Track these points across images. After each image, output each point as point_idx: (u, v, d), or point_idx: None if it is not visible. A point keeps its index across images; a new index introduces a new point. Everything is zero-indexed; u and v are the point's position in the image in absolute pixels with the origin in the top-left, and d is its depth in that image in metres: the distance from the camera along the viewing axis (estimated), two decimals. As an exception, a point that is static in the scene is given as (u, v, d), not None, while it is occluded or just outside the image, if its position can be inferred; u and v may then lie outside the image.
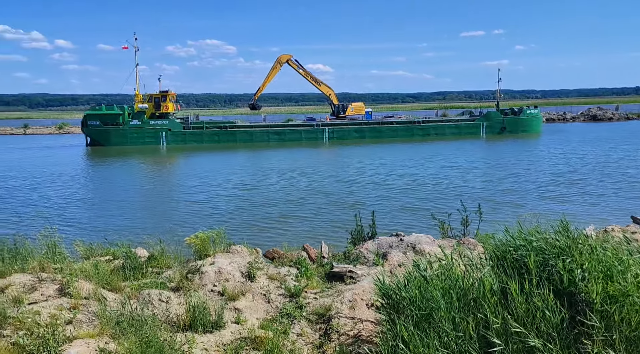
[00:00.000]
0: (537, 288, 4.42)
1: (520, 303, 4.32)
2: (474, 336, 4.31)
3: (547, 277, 4.53)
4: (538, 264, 4.61)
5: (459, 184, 26.90)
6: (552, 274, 4.54)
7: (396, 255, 9.05)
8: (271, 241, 15.35)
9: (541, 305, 4.23)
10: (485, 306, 4.41)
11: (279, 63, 65.69)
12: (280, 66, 65.91)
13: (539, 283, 4.49)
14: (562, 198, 22.41)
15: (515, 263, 4.88)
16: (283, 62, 65.72)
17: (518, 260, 4.90)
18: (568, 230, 5.05)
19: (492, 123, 64.63)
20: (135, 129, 58.42)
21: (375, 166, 36.22)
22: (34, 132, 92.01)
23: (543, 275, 4.57)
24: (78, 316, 6.12)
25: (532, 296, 4.36)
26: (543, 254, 4.71)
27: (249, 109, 73.27)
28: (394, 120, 66.67)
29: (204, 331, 6.30)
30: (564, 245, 4.70)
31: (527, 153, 42.56)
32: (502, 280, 4.65)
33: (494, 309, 4.36)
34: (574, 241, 4.84)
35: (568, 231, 5.03)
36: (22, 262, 7.33)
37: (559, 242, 4.77)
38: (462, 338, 4.32)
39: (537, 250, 4.74)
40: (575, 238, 4.97)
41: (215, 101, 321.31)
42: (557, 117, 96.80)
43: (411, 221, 18.55)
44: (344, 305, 6.98)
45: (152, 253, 8.59)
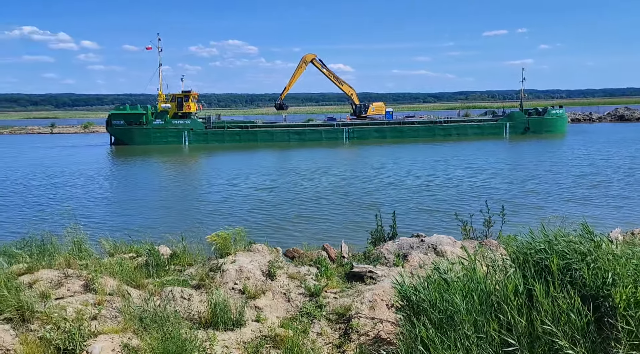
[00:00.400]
0: (561, 291, 4.36)
1: (545, 305, 4.25)
2: (496, 338, 4.26)
3: (569, 280, 4.46)
4: (561, 267, 4.54)
5: (478, 185, 26.59)
6: (576, 278, 4.46)
7: (417, 256, 9.00)
8: (290, 240, 15.40)
9: (566, 308, 4.15)
10: (508, 309, 4.35)
11: (304, 62, 65.93)
12: (305, 65, 66.18)
13: (562, 286, 4.42)
14: (585, 200, 21.97)
15: (537, 266, 4.81)
16: (308, 61, 65.96)
17: (540, 263, 4.83)
18: (591, 233, 4.96)
19: (516, 123, 63.69)
20: (158, 129, 59.23)
21: (395, 166, 36.04)
22: (60, 131, 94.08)
23: (566, 278, 4.50)
24: (102, 312, 6.24)
25: (557, 298, 4.29)
26: (566, 257, 4.63)
27: (275, 109, 72.63)
28: (415, 120, 66.23)
29: (225, 329, 6.36)
30: (586, 249, 4.61)
31: (550, 154, 41.83)
32: (526, 282, 4.58)
33: (518, 312, 4.30)
34: (597, 245, 4.75)
35: (591, 234, 4.94)
36: (49, 258, 7.51)
37: (583, 246, 4.68)
38: (484, 340, 4.28)
39: (560, 254, 4.66)
40: (598, 241, 4.88)
41: (236, 101, 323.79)
42: (582, 117, 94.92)
43: (429, 222, 18.41)
44: (363, 305, 6.97)
45: (175, 250, 8.70)
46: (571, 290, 4.33)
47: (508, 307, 4.38)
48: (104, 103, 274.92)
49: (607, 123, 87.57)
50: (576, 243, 4.76)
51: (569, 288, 4.36)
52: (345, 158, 45.72)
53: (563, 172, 30.77)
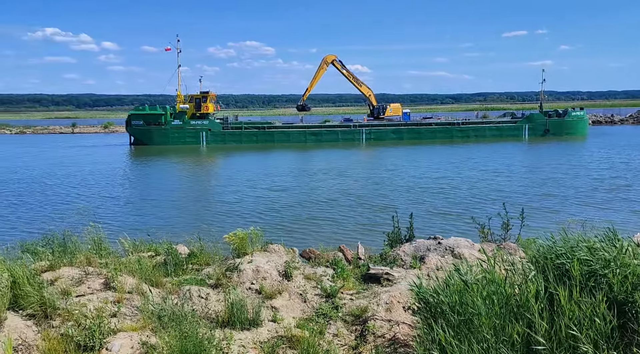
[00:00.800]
0: (582, 295, 4.29)
1: (568, 309, 4.19)
2: (518, 341, 4.22)
3: (593, 285, 4.39)
4: (583, 272, 4.47)
5: (494, 188, 26.29)
6: (600, 283, 4.39)
7: (434, 258, 8.95)
8: (306, 241, 15.43)
9: (590, 313, 4.09)
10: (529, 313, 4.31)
11: (325, 63, 66.02)
12: (326, 66, 66.26)
13: (583, 291, 4.36)
14: (604, 204, 21.55)
15: (558, 270, 4.75)
16: (329, 62, 66.05)
17: (560, 267, 4.77)
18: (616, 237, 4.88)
19: (535, 125, 62.87)
20: (176, 129, 59.81)
21: (411, 168, 35.86)
22: (81, 130, 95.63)
23: (589, 283, 4.43)
24: (122, 310, 6.34)
25: (581, 303, 4.23)
26: (589, 262, 4.57)
27: (297, 110, 71.66)
28: (433, 122, 65.81)
29: (241, 328, 6.41)
30: (612, 256, 4.53)
31: (569, 156, 41.18)
32: (547, 285, 4.53)
33: (539, 316, 4.25)
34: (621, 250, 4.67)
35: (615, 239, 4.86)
36: (71, 256, 7.64)
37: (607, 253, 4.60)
38: (505, 344, 4.24)
39: (582, 260, 4.60)
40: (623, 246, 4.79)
41: (253, 102, 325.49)
42: (604, 119, 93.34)
43: (445, 225, 18.27)
44: (380, 307, 6.95)
45: (192, 250, 8.79)
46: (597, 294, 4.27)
47: (529, 311, 4.34)
48: (124, 103, 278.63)
49: (629, 126, 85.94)
50: (599, 249, 4.69)
51: (592, 293, 4.29)
52: (362, 159, 45.63)
53: (582, 175, 30.27)
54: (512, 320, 4.44)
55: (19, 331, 5.57)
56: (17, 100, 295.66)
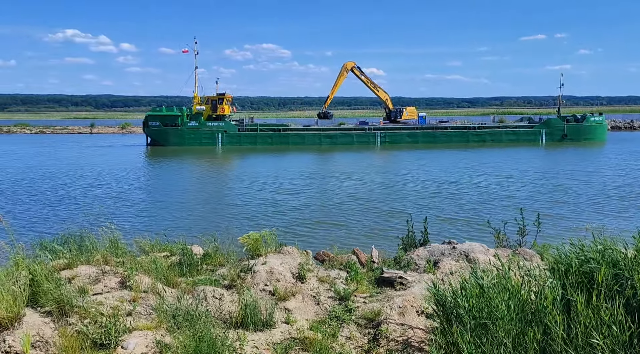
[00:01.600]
0: (605, 301, 4.22)
1: (585, 317, 4.13)
2: (535, 347, 4.17)
3: (618, 290, 4.31)
4: (609, 277, 4.39)
5: (509, 194, 26.05)
6: (625, 288, 4.31)
7: (448, 263, 8.89)
8: (320, 243, 15.43)
9: (608, 319, 4.03)
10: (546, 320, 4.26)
11: (345, 70, 66.27)
12: (346, 73, 66.51)
13: (607, 297, 4.28)
14: (619, 212, 21.19)
15: (581, 277, 4.68)
16: (349, 69, 66.27)
17: (586, 274, 4.69)
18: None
19: (553, 130, 62.14)
20: (192, 130, 60.33)
21: (425, 172, 35.69)
22: (99, 131, 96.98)
23: (614, 287, 4.35)
24: (137, 309, 6.40)
25: (600, 309, 4.16)
26: (616, 267, 4.48)
27: (319, 118, 70.01)
28: (448, 126, 65.43)
29: (254, 329, 6.43)
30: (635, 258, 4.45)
31: (586, 162, 40.62)
32: (565, 292, 4.46)
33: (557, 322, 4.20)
34: None
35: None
36: (88, 255, 7.75)
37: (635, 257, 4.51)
38: (522, 350, 4.20)
39: (610, 263, 4.51)
40: None
41: (269, 104, 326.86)
42: (623, 125, 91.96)
43: (459, 229, 18.16)
44: (393, 311, 6.93)
45: (207, 250, 8.84)
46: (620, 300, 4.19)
47: (546, 317, 4.29)
48: (141, 104, 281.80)
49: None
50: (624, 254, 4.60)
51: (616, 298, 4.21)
52: (377, 163, 45.53)
53: (597, 181, 29.79)
54: (529, 326, 4.39)
55: (37, 328, 5.66)
56: (37, 101, 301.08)
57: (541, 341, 4.24)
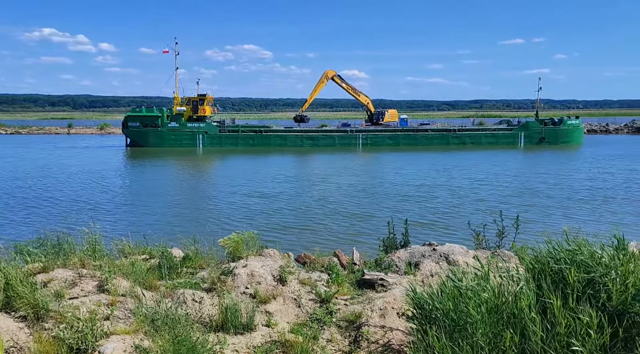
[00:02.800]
0: (579, 304, 4.28)
1: (561, 319, 4.18)
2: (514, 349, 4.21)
3: (591, 294, 4.38)
4: (581, 279, 4.46)
5: (485, 198, 26.36)
6: (598, 291, 4.38)
7: (428, 265, 8.95)
8: (301, 246, 15.40)
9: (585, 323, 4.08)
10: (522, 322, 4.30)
11: (326, 78, 66.72)
12: (327, 81, 67.04)
13: (580, 299, 4.35)
14: (591, 215, 21.56)
15: (555, 277, 4.74)
16: (329, 77, 66.75)
17: (558, 274, 4.75)
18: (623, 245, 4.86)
19: (531, 133, 63.17)
20: (173, 131, 59.78)
21: (406, 175, 35.94)
22: (77, 131, 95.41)
23: (587, 290, 4.41)
24: (115, 313, 6.30)
25: (577, 312, 4.21)
26: (589, 269, 4.55)
27: (295, 121, 70.10)
28: (429, 128, 66.08)
29: (235, 333, 6.39)
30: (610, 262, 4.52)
31: (562, 165, 41.32)
32: (541, 294, 4.52)
33: (533, 325, 4.25)
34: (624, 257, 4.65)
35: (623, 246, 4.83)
36: (64, 258, 7.60)
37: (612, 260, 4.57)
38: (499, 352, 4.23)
39: (581, 265, 4.58)
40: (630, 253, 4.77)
41: (250, 105, 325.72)
42: (599, 128, 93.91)
43: (439, 231, 18.31)
44: (374, 313, 6.94)
45: (187, 253, 8.76)
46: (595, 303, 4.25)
47: (522, 320, 4.33)
48: (120, 105, 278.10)
49: (624, 135, 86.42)
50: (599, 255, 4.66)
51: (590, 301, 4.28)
52: (358, 165, 45.67)
53: (571, 185, 30.30)
54: (506, 328, 4.43)
55: (11, 333, 5.53)
56: (13, 100, 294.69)
57: (519, 343, 4.29)
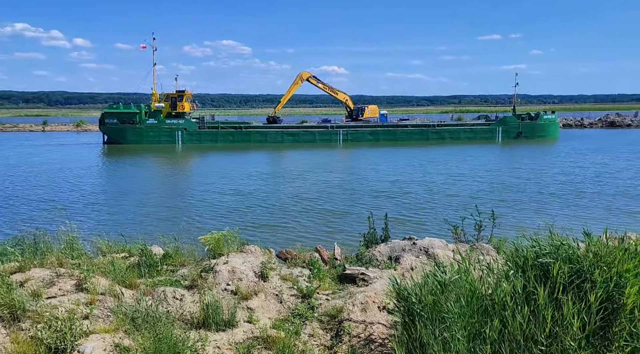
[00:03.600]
0: (564, 295, 4.37)
1: (546, 309, 4.27)
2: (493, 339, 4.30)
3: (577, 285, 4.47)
4: (565, 271, 4.55)
5: (464, 191, 26.73)
6: (583, 282, 4.47)
7: (409, 259, 9.05)
8: (283, 242, 15.42)
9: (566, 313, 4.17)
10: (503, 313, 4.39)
11: (300, 79, 66.64)
12: (301, 82, 67.07)
13: (565, 291, 4.44)
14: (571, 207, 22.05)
15: (538, 270, 4.82)
16: (304, 79, 66.71)
17: (542, 267, 4.83)
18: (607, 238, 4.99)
19: (508, 127, 64.11)
20: (151, 128, 59.05)
21: (386, 170, 36.18)
22: (52, 129, 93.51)
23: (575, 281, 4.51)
24: (94, 312, 6.23)
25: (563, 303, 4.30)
26: (573, 262, 4.64)
27: (267, 122, 68.23)
28: (409, 124, 66.57)
29: (216, 330, 6.37)
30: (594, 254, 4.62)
31: (539, 159, 42.04)
32: (527, 285, 4.60)
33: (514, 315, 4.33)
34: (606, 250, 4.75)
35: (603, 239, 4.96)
36: (41, 257, 7.47)
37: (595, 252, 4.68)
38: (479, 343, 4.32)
39: (566, 258, 4.67)
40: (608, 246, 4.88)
41: (230, 101, 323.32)
42: (574, 123, 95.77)
43: (419, 226, 18.50)
44: (355, 307, 7.00)
45: (167, 251, 8.68)
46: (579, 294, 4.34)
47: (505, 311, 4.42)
48: (97, 101, 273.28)
49: (598, 129, 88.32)
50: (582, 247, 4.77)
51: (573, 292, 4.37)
52: (340, 160, 45.78)
53: (547, 179, 30.89)
54: (487, 319, 4.51)
55: (-13, 334, 5.43)
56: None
57: (500, 334, 4.37)
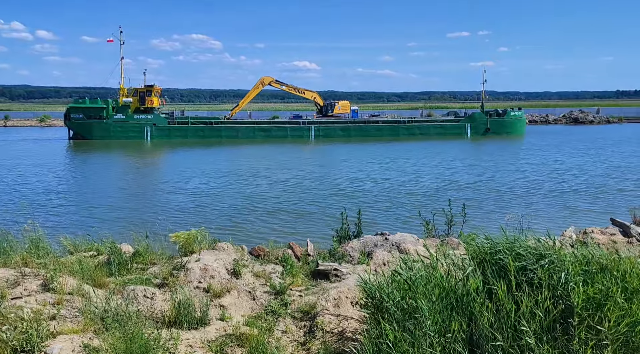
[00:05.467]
0: (519, 291, 4.54)
1: (507, 303, 4.42)
2: (460, 335, 4.41)
3: (527, 281, 4.65)
4: (518, 268, 4.73)
5: (436, 185, 27.18)
6: (532, 278, 4.66)
7: (381, 254, 9.15)
8: (255, 238, 15.35)
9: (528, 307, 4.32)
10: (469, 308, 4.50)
11: (262, 83, 66.33)
12: (262, 86, 66.77)
13: (520, 287, 4.61)
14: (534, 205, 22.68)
15: (496, 266, 5.00)
16: (266, 83, 66.43)
17: (498, 263, 5.02)
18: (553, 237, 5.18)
19: (477, 124, 65.31)
20: (119, 123, 57.79)
21: (357, 166, 36.44)
22: (14, 124, 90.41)
23: (524, 278, 4.69)
24: (62, 312, 6.09)
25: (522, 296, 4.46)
26: (521, 259, 4.83)
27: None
28: (380, 120, 67.12)
29: (188, 328, 6.32)
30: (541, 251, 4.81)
31: (505, 155, 43.03)
32: (486, 280, 4.75)
33: (481, 309, 4.46)
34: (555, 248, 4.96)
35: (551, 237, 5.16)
36: (5, 257, 7.26)
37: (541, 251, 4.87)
38: (447, 338, 4.42)
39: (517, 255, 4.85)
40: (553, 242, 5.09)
41: (200, 96, 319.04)
42: (539, 119, 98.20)
43: (391, 220, 18.71)
44: (328, 303, 7.05)
45: (137, 249, 8.55)
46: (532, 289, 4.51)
47: (469, 305, 4.53)
48: (62, 96, 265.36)
49: (562, 126, 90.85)
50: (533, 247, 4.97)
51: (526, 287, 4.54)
52: (312, 156, 45.81)
53: (519, 175, 31.71)
54: (454, 314, 4.63)
55: (-52, 338, 5.24)
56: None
57: (467, 328, 4.49)
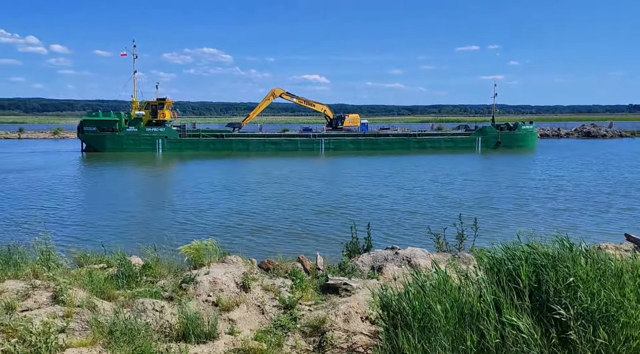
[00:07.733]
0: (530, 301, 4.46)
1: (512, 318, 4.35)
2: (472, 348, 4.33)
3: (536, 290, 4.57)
4: (530, 275, 4.65)
5: (446, 199, 26.99)
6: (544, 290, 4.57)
7: (391, 268, 9.06)
8: (265, 252, 15.29)
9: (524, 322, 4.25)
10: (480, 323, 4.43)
11: (273, 95, 67.00)
12: (273, 98, 67.46)
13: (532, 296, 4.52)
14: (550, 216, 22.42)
15: (509, 277, 4.92)
16: (277, 95, 67.14)
17: (511, 273, 4.94)
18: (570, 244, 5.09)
19: (488, 137, 65.02)
20: (131, 136, 58.39)
21: (368, 178, 36.34)
22: (28, 136, 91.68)
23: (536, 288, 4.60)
24: (71, 325, 6.07)
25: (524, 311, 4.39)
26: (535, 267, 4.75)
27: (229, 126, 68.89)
28: (390, 133, 67.10)
29: (197, 342, 6.27)
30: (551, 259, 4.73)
31: (517, 169, 42.69)
32: (495, 292, 4.67)
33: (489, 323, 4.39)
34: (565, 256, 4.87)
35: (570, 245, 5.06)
36: (16, 269, 7.28)
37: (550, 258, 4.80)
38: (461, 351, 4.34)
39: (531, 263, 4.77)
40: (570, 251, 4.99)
41: (210, 109, 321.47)
42: (551, 133, 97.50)
43: (401, 235, 18.57)
44: (338, 318, 6.96)
45: (147, 261, 8.55)
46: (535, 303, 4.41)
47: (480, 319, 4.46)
48: (75, 108, 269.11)
49: (574, 140, 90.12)
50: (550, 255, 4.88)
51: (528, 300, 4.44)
52: (322, 169, 45.81)
53: (526, 187, 31.40)
54: (467, 328, 4.55)
55: (-42, 350, 5.24)
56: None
57: (479, 342, 4.41)
